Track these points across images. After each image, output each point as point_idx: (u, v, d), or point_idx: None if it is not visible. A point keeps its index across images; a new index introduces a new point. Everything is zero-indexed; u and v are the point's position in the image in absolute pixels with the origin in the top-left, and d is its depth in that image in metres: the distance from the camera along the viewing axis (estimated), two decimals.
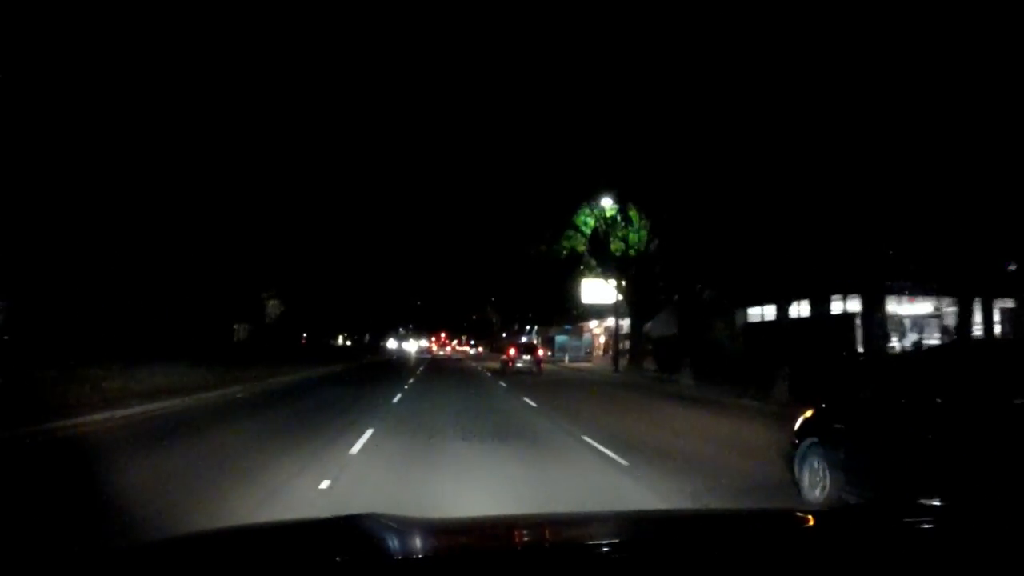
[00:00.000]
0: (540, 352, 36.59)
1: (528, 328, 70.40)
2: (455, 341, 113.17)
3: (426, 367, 38.93)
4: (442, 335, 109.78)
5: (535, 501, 6.08)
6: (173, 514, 5.27)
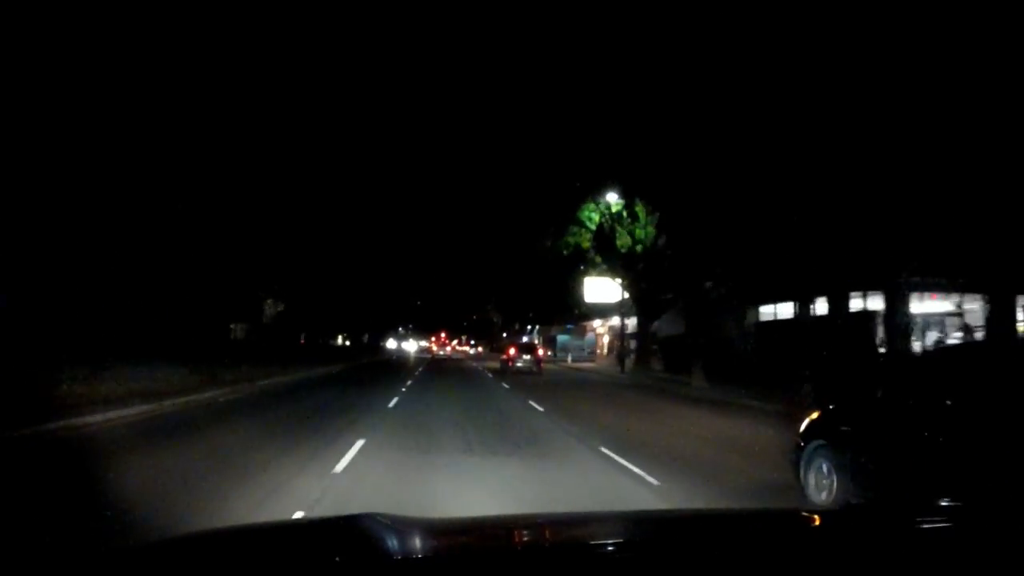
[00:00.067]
0: (540, 352, 36.54)
1: (529, 328, 69.57)
2: (455, 341, 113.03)
3: (425, 367, 38.41)
4: (442, 335, 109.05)
5: None
6: None
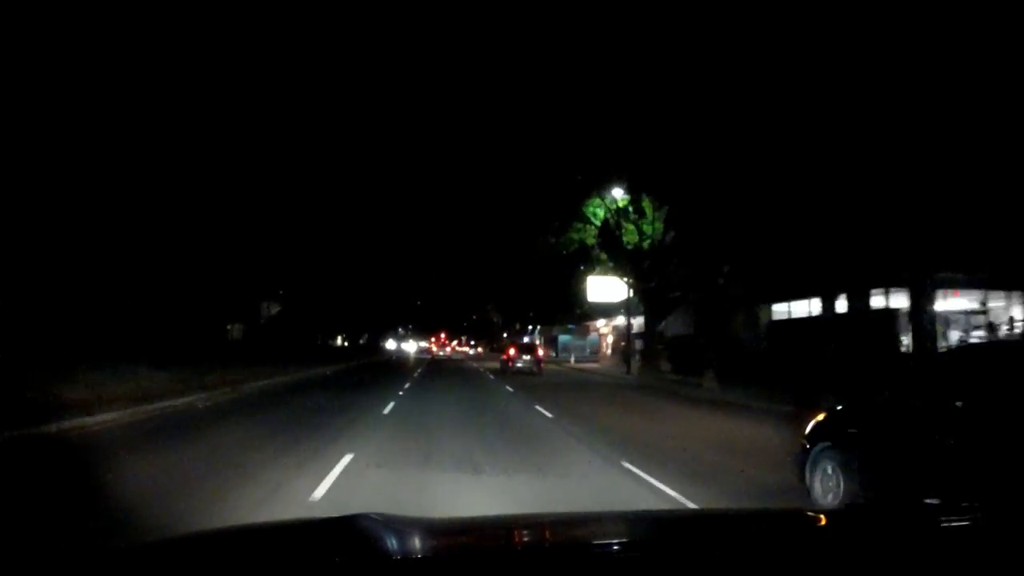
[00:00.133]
0: (540, 352, 36.20)
1: (530, 328, 68.50)
2: (455, 341, 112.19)
3: (425, 368, 37.63)
4: (442, 335, 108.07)
5: None
6: None
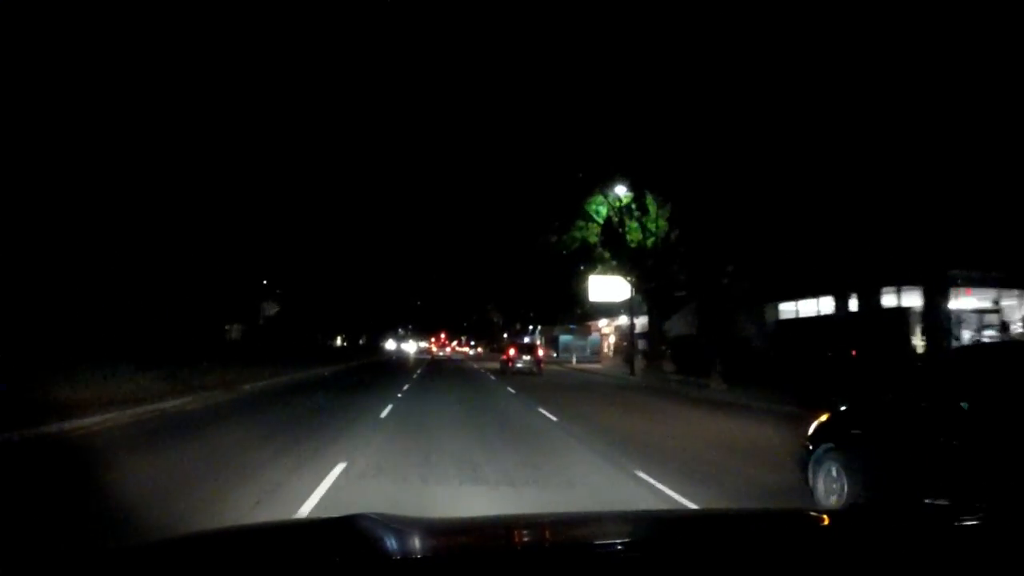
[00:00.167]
0: (541, 352, 35.99)
1: (531, 328, 67.97)
2: (455, 342, 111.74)
3: (425, 368, 37.23)
4: (442, 335, 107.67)
5: None
6: None
